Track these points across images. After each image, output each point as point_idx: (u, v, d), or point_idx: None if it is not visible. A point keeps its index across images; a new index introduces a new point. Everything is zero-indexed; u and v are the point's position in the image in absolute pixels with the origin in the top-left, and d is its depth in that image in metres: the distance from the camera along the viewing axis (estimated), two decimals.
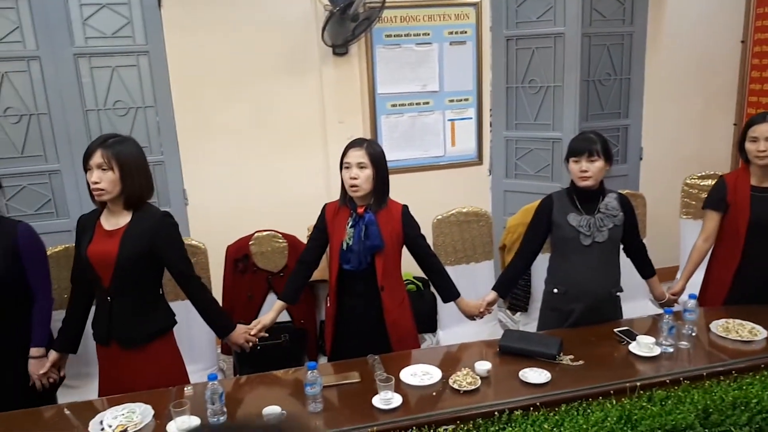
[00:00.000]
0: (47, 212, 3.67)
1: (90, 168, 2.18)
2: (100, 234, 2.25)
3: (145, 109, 3.74)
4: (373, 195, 2.48)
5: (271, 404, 1.99)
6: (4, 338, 2.30)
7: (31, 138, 3.60)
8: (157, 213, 2.30)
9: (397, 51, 4.15)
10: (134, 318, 2.27)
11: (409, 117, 4.26)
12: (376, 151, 2.47)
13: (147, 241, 2.23)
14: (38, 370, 2.35)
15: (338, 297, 2.56)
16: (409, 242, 2.56)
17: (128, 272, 2.22)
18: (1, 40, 3.47)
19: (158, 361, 2.32)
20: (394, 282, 2.54)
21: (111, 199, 2.22)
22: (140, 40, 3.66)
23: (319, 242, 2.61)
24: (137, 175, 2.23)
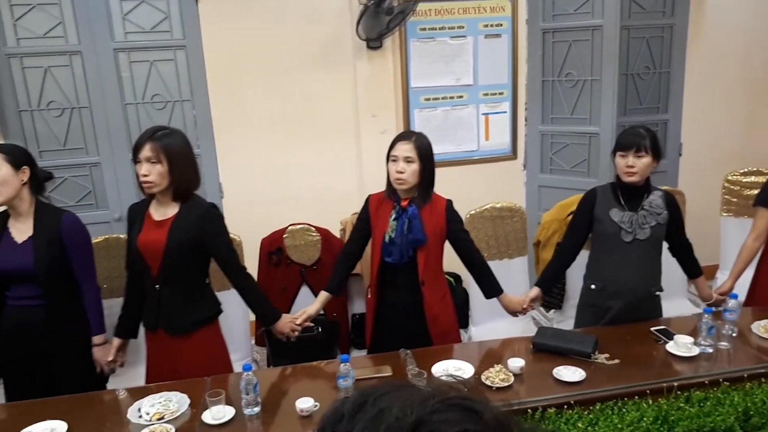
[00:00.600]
0: (88, 204, 3.76)
1: (139, 161, 2.22)
2: (149, 224, 2.31)
3: (182, 102, 3.80)
4: (419, 189, 2.47)
5: (305, 396, 2.00)
6: (54, 325, 2.35)
7: (72, 131, 3.69)
8: (204, 204, 2.34)
9: (431, 44, 4.12)
10: (181, 306, 2.32)
11: (442, 111, 4.24)
12: (424, 144, 2.46)
13: (194, 231, 2.27)
14: (105, 356, 2.43)
15: (379, 289, 2.56)
16: (452, 237, 2.55)
17: (176, 261, 2.27)
18: (45, 35, 3.56)
19: (203, 348, 2.37)
20: (435, 276, 2.53)
21: (160, 191, 2.26)
22: (177, 35, 3.71)
23: (362, 233, 2.61)
24: (185, 167, 2.28)
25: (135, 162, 2.25)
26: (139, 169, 2.23)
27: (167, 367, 2.34)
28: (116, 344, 2.47)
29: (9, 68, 3.55)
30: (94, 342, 2.42)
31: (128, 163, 3.80)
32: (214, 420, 1.93)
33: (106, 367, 2.46)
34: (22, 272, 2.31)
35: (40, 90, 3.61)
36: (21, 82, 3.59)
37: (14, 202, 2.31)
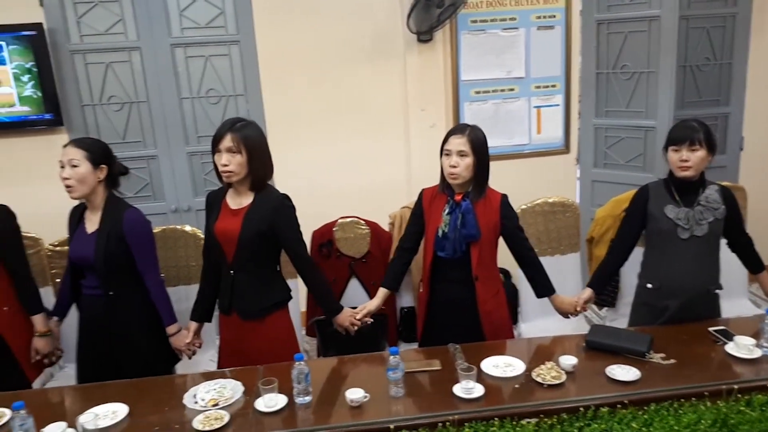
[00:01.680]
0: (145, 195, 3.89)
1: (219, 151, 2.29)
2: (225, 212, 2.39)
3: (235, 97, 3.88)
4: (473, 183, 2.45)
5: (354, 386, 2.02)
6: (115, 315, 2.45)
7: (131, 125, 3.82)
8: (278, 195, 2.40)
9: (482, 37, 4.08)
10: (253, 291, 2.39)
11: (493, 104, 4.20)
12: (478, 138, 2.44)
13: (267, 220, 2.34)
14: (182, 342, 2.51)
15: (431, 284, 2.56)
16: (506, 233, 2.52)
17: (249, 249, 2.34)
18: (106, 32, 3.69)
19: (274, 332, 2.44)
20: (489, 272, 2.51)
21: (238, 180, 2.33)
22: (232, 30, 3.79)
23: (416, 228, 2.62)
24: (262, 157, 2.35)
25: (214, 152, 2.32)
26: (218, 159, 2.30)
27: (240, 350, 2.43)
28: (192, 328, 2.56)
29: (73, 64, 3.70)
30: (168, 332, 2.51)
31: (184, 156, 3.92)
32: (266, 408, 1.97)
33: (186, 351, 2.54)
34: (86, 262, 2.42)
35: (101, 85, 3.75)
36: (84, 78, 3.73)
37: (89, 196, 2.41)
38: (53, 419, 1.91)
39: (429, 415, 1.89)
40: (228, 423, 1.91)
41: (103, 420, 1.96)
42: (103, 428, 1.92)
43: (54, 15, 3.60)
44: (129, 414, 2.00)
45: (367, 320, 2.59)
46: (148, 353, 2.50)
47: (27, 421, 1.83)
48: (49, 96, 3.60)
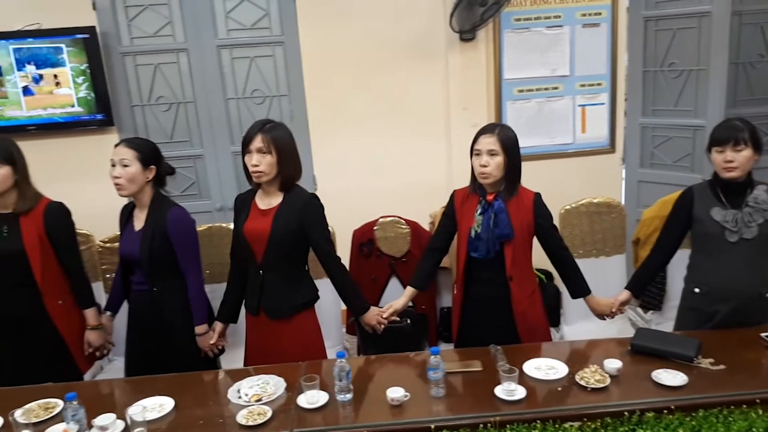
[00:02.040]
0: (192, 194, 3.99)
1: (250, 151, 2.33)
2: (255, 212, 2.43)
3: (279, 97, 3.94)
4: (504, 182, 2.43)
5: (395, 385, 2.03)
6: (160, 311, 2.51)
7: (178, 125, 3.92)
8: (306, 194, 2.43)
9: (525, 35, 4.04)
10: (282, 290, 2.42)
11: (536, 103, 4.15)
12: (508, 137, 2.42)
13: (296, 220, 2.37)
14: (206, 343, 2.55)
15: (465, 285, 2.55)
16: (540, 232, 2.49)
17: (278, 248, 2.38)
18: (155, 34, 3.79)
19: (301, 332, 2.46)
20: (523, 272, 2.49)
21: (268, 181, 2.37)
22: (276, 31, 3.85)
23: (447, 228, 2.61)
24: (291, 158, 2.38)
25: (245, 153, 2.35)
26: (249, 160, 2.34)
27: (265, 350, 2.45)
28: (218, 329, 2.59)
29: (123, 66, 3.81)
30: (196, 332, 2.55)
31: (229, 156, 3.99)
32: (308, 404, 1.99)
33: (209, 351, 2.58)
34: (133, 259, 2.50)
35: (150, 86, 3.86)
36: (134, 79, 3.84)
37: (137, 194, 2.48)
38: (103, 410, 1.97)
39: (470, 416, 1.88)
40: (270, 418, 1.93)
41: (151, 412, 2.01)
42: (151, 421, 1.97)
43: (106, 18, 3.72)
44: (175, 407, 2.05)
45: (395, 319, 2.58)
46: (190, 348, 2.56)
47: (79, 411, 1.90)
48: (101, 97, 3.72)
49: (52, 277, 2.52)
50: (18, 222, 2.46)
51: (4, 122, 3.73)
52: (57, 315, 2.54)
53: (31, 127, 3.71)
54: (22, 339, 2.51)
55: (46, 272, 2.49)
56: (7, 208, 2.48)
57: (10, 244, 2.44)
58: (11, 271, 2.47)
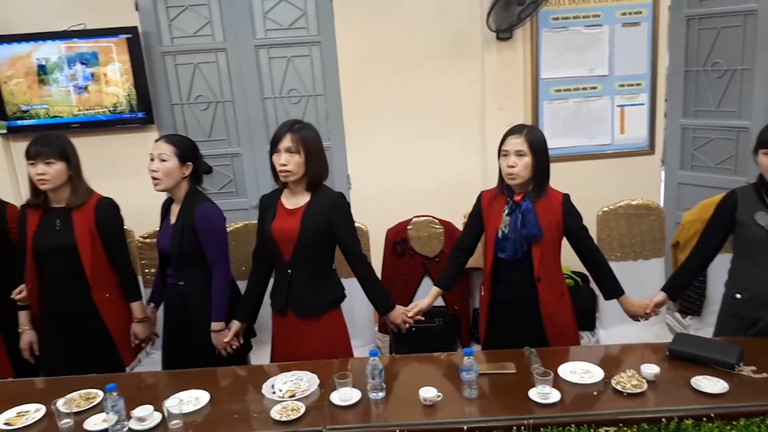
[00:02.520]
0: (229, 191, 4.05)
1: (278, 151, 2.36)
2: (282, 212, 2.45)
3: (315, 97, 3.96)
4: (532, 183, 2.41)
5: (427, 385, 2.03)
6: (190, 305, 2.56)
7: (216, 123, 3.99)
8: (333, 194, 2.45)
9: (563, 34, 3.99)
10: (310, 290, 2.44)
11: (574, 103, 4.09)
12: (536, 137, 2.40)
13: (325, 219, 2.39)
14: (220, 340, 2.57)
15: (493, 286, 2.54)
16: (569, 233, 2.47)
17: (307, 247, 2.40)
18: (195, 34, 3.86)
19: (328, 332, 2.48)
20: (552, 274, 2.47)
21: (295, 180, 2.39)
22: (313, 31, 3.88)
23: (474, 229, 2.60)
24: (318, 158, 2.40)
25: (273, 152, 2.38)
26: (277, 159, 2.36)
27: (292, 350, 2.46)
28: (234, 328, 2.57)
29: (164, 65, 3.89)
30: (212, 328, 2.55)
31: (266, 154, 4.01)
32: (341, 401, 2.01)
33: (222, 350, 2.57)
34: (166, 252, 2.57)
35: (189, 85, 3.93)
36: (174, 78, 3.92)
37: (173, 189, 2.53)
38: (141, 402, 2.02)
39: (503, 418, 1.87)
40: (304, 414, 1.95)
41: (187, 405, 2.05)
42: (187, 413, 2.01)
43: (148, 18, 3.81)
44: (210, 401, 2.09)
45: (420, 318, 2.58)
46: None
47: (118, 402, 1.94)
48: (142, 95, 3.81)
49: (100, 270, 2.59)
50: (70, 216, 2.54)
51: (50, 120, 3.84)
52: (104, 308, 2.61)
53: (75, 125, 3.82)
54: (70, 330, 2.59)
55: (96, 266, 2.56)
56: (61, 203, 2.56)
57: (63, 238, 2.52)
58: (63, 264, 2.55)
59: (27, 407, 2.12)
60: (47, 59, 3.78)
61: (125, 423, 1.96)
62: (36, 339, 2.68)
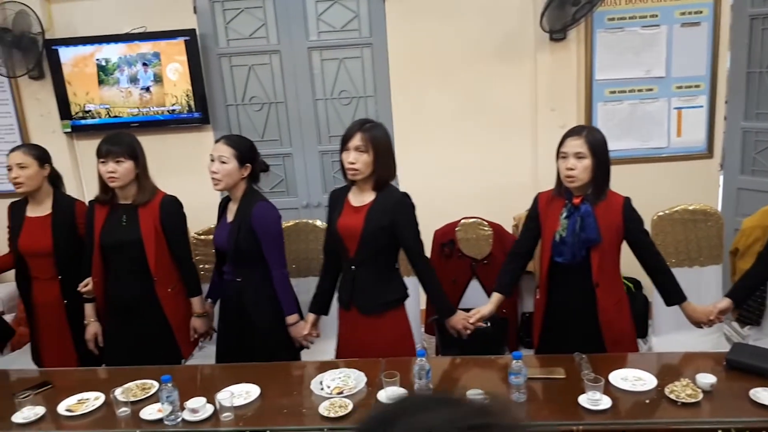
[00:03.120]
0: (280, 191, 4.12)
1: (348, 149, 2.39)
2: (348, 209, 2.49)
3: (365, 98, 4.00)
4: (592, 185, 2.36)
5: (474, 387, 2.02)
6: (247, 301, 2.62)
7: (270, 124, 4.07)
8: (398, 193, 2.47)
9: (619, 35, 3.91)
10: (373, 287, 2.47)
11: (629, 104, 4.00)
12: (596, 139, 2.35)
13: (388, 218, 2.41)
14: (300, 332, 2.64)
15: (548, 290, 2.50)
16: (630, 238, 2.40)
17: (370, 245, 2.42)
18: (250, 36, 3.95)
19: (391, 329, 2.50)
20: (610, 279, 2.41)
21: (362, 179, 2.42)
22: (365, 33, 3.91)
23: (532, 232, 2.56)
24: (386, 158, 2.43)
25: (342, 149, 2.42)
26: (346, 157, 2.39)
27: (357, 344, 2.50)
28: (311, 320, 2.66)
29: (220, 67, 3.99)
30: (288, 321, 2.63)
31: (316, 155, 4.10)
32: (388, 400, 2.02)
33: (303, 341, 2.66)
34: (224, 250, 2.63)
35: (244, 86, 4.02)
36: (229, 79, 4.02)
37: (231, 188, 2.60)
38: (195, 394, 2.08)
39: (552, 423, 1.85)
40: (351, 411, 1.98)
41: (238, 399, 2.10)
42: (238, 406, 2.07)
43: (205, 21, 3.91)
44: (261, 395, 2.14)
45: (481, 324, 2.56)
46: (273, 340, 2.63)
47: (173, 393, 2.01)
48: (199, 96, 3.92)
49: (163, 265, 2.67)
50: (137, 213, 2.64)
51: (111, 119, 3.99)
52: (166, 301, 2.69)
53: (135, 124, 3.95)
54: (133, 322, 2.68)
55: (159, 261, 2.65)
56: (128, 200, 2.66)
57: (129, 233, 2.62)
58: (128, 258, 2.64)
59: (87, 395, 2.22)
60: (109, 60, 3.93)
61: (179, 414, 2.02)
62: (100, 330, 2.79)
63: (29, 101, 4.07)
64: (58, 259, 2.82)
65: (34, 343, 3.01)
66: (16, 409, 2.10)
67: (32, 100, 4.06)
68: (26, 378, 2.46)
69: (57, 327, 2.88)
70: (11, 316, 3.79)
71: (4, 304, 3.87)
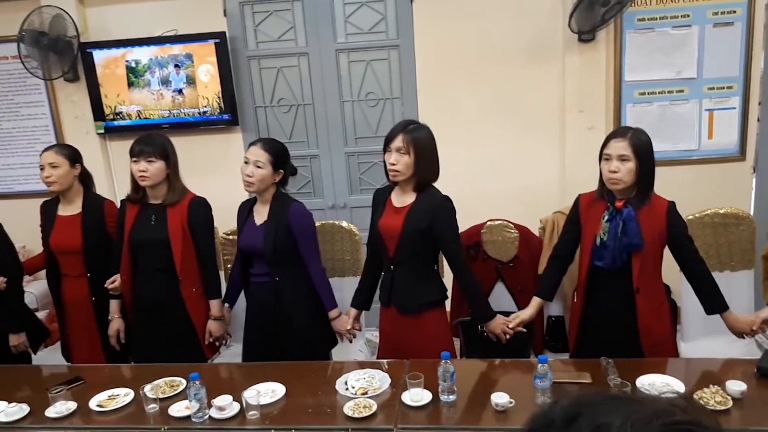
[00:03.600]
0: (306, 192, 4.16)
1: (390, 150, 2.42)
2: (389, 209, 2.52)
3: (392, 100, 4.01)
4: (636, 189, 2.31)
5: (499, 390, 2.02)
6: (282, 301, 2.65)
7: (297, 125, 4.10)
8: (440, 196, 2.47)
9: (649, 35, 3.85)
10: (411, 287, 2.50)
11: (658, 106, 3.94)
12: (641, 141, 2.30)
13: (427, 219, 2.42)
14: (343, 326, 2.69)
15: (587, 294, 2.46)
16: (673, 243, 2.36)
17: (409, 245, 2.44)
18: (279, 39, 3.99)
19: (429, 329, 2.51)
20: (651, 284, 2.37)
21: (404, 180, 2.44)
22: (392, 35, 3.92)
23: (572, 235, 2.53)
24: (428, 160, 2.44)
25: (385, 150, 2.44)
26: (388, 158, 2.42)
27: (397, 342, 2.54)
28: (353, 315, 2.71)
29: (249, 69, 4.04)
30: (330, 317, 2.69)
31: (343, 156, 4.12)
32: (412, 401, 2.03)
33: (346, 335, 2.71)
34: (255, 251, 2.66)
35: (272, 88, 4.06)
36: (258, 82, 4.07)
37: (262, 191, 2.64)
38: (221, 392, 2.11)
39: None
40: (375, 412, 1.99)
41: (264, 397, 2.13)
42: (264, 405, 2.09)
43: (235, 24, 3.97)
44: (286, 394, 2.17)
45: (521, 329, 2.55)
46: (309, 336, 2.68)
47: (200, 391, 2.05)
48: (228, 98, 3.97)
49: (189, 266, 2.72)
50: (165, 213, 2.70)
51: (142, 121, 4.07)
52: (190, 301, 2.74)
53: (165, 126, 4.02)
54: (158, 320, 2.74)
55: (185, 261, 2.70)
56: (158, 199, 2.72)
57: (157, 232, 2.68)
58: (155, 257, 2.70)
59: (117, 391, 2.27)
60: (139, 62, 4.00)
61: (206, 411, 2.06)
62: (123, 327, 2.86)
63: (64, 103, 4.18)
64: (87, 257, 2.88)
65: (63, 339, 3.09)
66: (49, 404, 2.16)
67: (67, 102, 4.16)
68: (58, 373, 2.52)
69: (85, 323, 2.95)
70: (45, 312, 3.89)
71: (38, 301, 3.98)
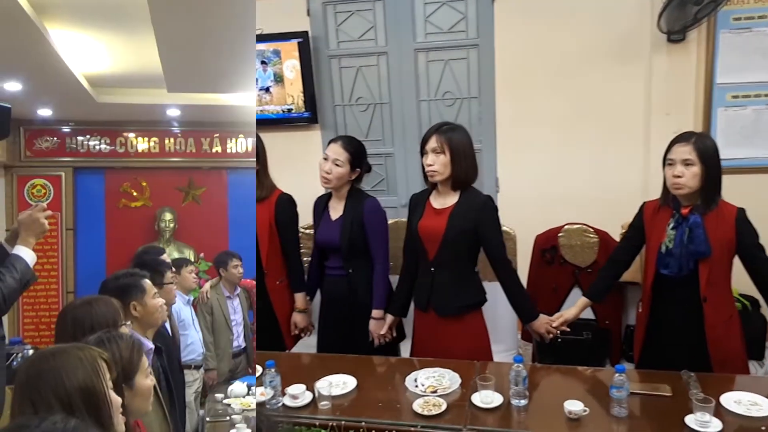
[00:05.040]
0: (380, 189, 4.20)
1: (426, 152, 2.44)
2: (429, 211, 2.52)
3: (469, 100, 3.99)
4: (702, 194, 2.24)
5: (572, 398, 1.97)
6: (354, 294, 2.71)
7: (374, 124, 4.15)
8: (482, 196, 2.47)
9: (745, 36, 3.65)
10: (451, 289, 2.48)
11: (753, 110, 3.72)
12: (706, 145, 2.23)
13: (471, 220, 2.42)
14: (378, 330, 2.70)
15: (652, 303, 2.39)
16: (743, 252, 2.26)
17: (452, 247, 2.44)
18: (359, 38, 4.05)
19: (468, 332, 2.50)
20: (720, 294, 2.28)
21: (441, 180, 2.45)
22: (472, 34, 3.90)
23: (633, 242, 2.48)
24: (465, 159, 2.43)
25: (422, 153, 2.47)
26: (425, 159, 2.45)
27: (433, 347, 2.51)
28: (389, 321, 2.69)
29: (329, 68, 4.12)
30: (373, 315, 2.69)
31: (417, 155, 4.12)
32: (482, 403, 2.01)
33: (378, 339, 2.69)
34: (331, 245, 2.72)
35: (351, 87, 4.13)
36: (337, 81, 4.14)
37: (338, 187, 2.71)
38: (295, 380, 2.17)
39: None
40: (444, 411, 1.99)
41: (335, 388, 2.17)
42: (335, 396, 2.14)
43: (318, 24, 4.06)
44: (357, 387, 2.20)
45: (565, 329, 2.51)
46: None
47: (276, 378, 2.12)
48: (309, 96, 4.06)
49: (274, 259, 2.83)
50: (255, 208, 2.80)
51: None
52: (274, 293, 2.84)
53: None
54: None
55: (271, 254, 2.80)
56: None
57: None
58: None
59: None
60: None
61: (280, 398, 2.12)
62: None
63: None
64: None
65: None
66: None
67: None
68: None
69: None
70: None
71: None
